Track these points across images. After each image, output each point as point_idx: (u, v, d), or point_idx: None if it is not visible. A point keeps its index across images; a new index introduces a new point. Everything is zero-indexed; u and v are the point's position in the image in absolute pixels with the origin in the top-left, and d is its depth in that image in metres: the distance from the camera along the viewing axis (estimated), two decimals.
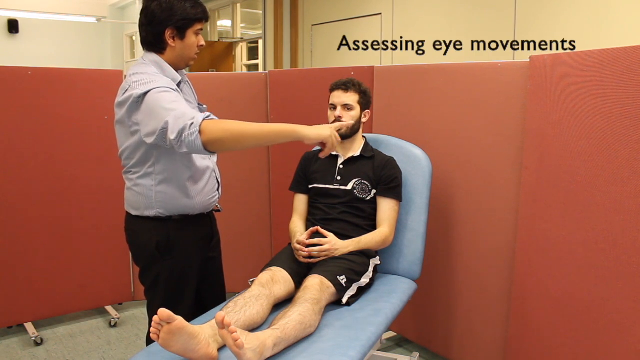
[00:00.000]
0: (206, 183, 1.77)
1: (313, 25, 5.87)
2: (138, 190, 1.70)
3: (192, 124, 1.45)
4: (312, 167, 2.15)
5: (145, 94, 1.55)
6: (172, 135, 1.47)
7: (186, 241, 1.76)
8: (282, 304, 1.72)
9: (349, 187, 2.04)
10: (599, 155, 1.67)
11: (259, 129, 1.52)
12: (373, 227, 2.04)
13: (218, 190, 1.85)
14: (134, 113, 1.59)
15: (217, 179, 1.85)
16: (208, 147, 1.47)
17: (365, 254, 1.95)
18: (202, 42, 1.73)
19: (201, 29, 1.72)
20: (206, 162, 1.78)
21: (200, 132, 1.45)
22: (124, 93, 1.61)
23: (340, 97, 2.05)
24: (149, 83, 1.58)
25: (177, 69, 1.73)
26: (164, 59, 1.69)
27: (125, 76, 1.71)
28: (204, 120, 1.47)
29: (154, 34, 1.67)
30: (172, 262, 1.74)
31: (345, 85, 2.05)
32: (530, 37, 3.78)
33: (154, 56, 1.69)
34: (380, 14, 5.02)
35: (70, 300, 2.82)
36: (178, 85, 1.70)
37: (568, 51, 1.76)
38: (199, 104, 1.85)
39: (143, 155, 1.65)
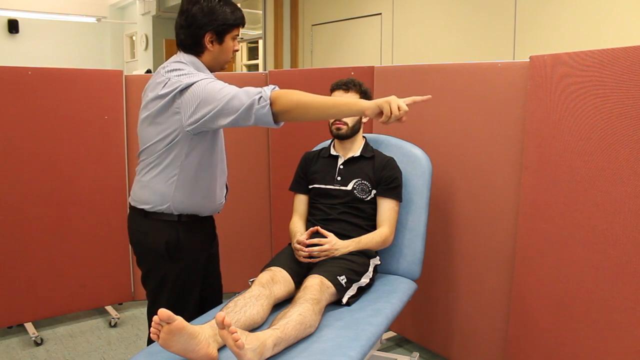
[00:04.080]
0: (220, 187, 1.81)
1: (313, 25, 5.87)
2: (153, 184, 1.69)
3: (260, 97, 1.49)
4: (312, 167, 2.15)
5: (191, 85, 1.57)
6: (232, 116, 1.50)
7: (194, 243, 1.77)
8: (282, 304, 1.72)
9: (349, 187, 2.04)
10: (599, 155, 1.67)
11: (325, 101, 1.57)
12: (373, 227, 2.04)
13: (225, 196, 1.89)
14: (176, 102, 1.59)
15: (226, 185, 1.88)
16: (278, 117, 1.51)
17: (365, 254, 1.95)
18: (237, 47, 1.76)
19: (238, 35, 1.73)
20: (224, 167, 1.81)
21: (271, 103, 1.49)
22: (164, 87, 1.61)
23: (341, 97, 2.05)
24: (192, 76, 1.60)
25: (211, 72, 1.74)
26: (201, 61, 1.71)
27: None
28: (272, 91, 1.51)
29: (192, 37, 1.67)
30: (181, 264, 1.75)
31: (346, 85, 2.05)
32: (531, 37, 3.78)
33: (191, 57, 1.70)
34: (380, 14, 5.02)
35: (70, 300, 2.82)
36: None
37: (568, 51, 1.76)
38: None
39: (175, 149, 1.65)
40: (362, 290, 1.87)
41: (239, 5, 1.74)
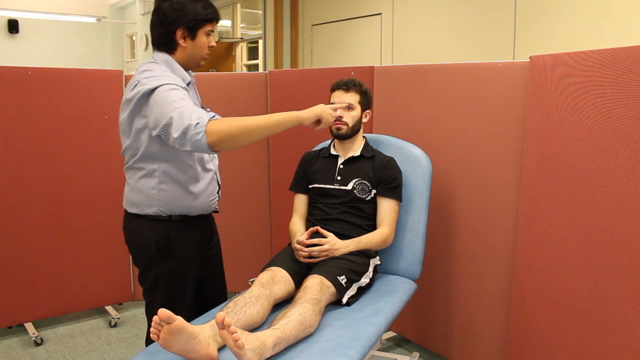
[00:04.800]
0: (207, 185, 1.78)
1: (313, 25, 5.87)
2: (140, 187, 1.70)
3: (197, 123, 1.46)
4: (312, 167, 2.15)
5: (155, 89, 1.56)
6: (175, 133, 1.48)
7: (186, 242, 1.77)
8: (282, 304, 1.72)
9: (349, 187, 2.04)
10: (599, 155, 1.67)
11: (263, 122, 1.56)
12: (373, 227, 2.04)
13: (218, 192, 1.87)
14: (143, 107, 1.59)
15: (217, 182, 1.86)
16: (214, 147, 1.48)
17: (365, 254, 1.95)
18: (213, 43, 1.74)
19: (212, 30, 1.73)
20: (209, 165, 1.79)
21: (206, 132, 1.46)
22: (133, 89, 1.62)
23: (341, 97, 2.05)
24: (159, 79, 1.59)
25: (186, 69, 1.74)
26: (175, 59, 1.70)
27: (132, 74, 1.72)
28: (209, 120, 1.48)
29: (165, 34, 1.68)
30: (172, 263, 1.75)
31: (347, 85, 2.05)
32: (531, 37, 3.78)
33: (164, 55, 1.70)
34: (380, 14, 5.02)
35: (70, 300, 2.82)
36: (187, 85, 1.71)
37: (568, 51, 1.76)
38: (202, 107, 1.86)
39: (150, 152, 1.65)
40: (362, 290, 1.87)
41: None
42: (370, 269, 1.94)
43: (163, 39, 1.69)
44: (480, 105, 2.13)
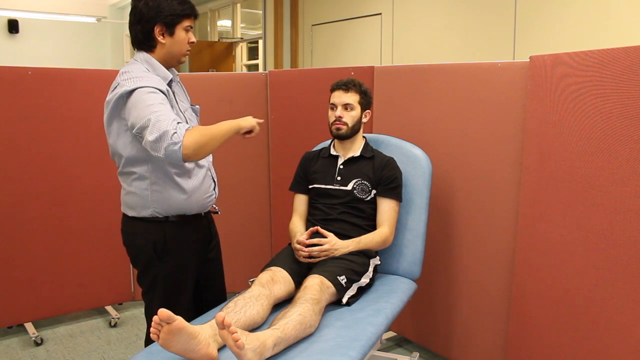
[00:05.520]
0: (202, 181, 1.77)
1: (313, 25, 5.87)
2: (134, 190, 1.70)
3: (175, 133, 1.47)
4: (312, 167, 2.15)
5: (133, 91, 1.57)
6: (150, 137, 1.49)
7: (183, 242, 1.76)
8: (282, 304, 1.72)
9: (349, 187, 2.04)
10: (599, 155, 1.67)
11: (222, 129, 1.62)
12: (373, 227, 2.04)
13: (214, 189, 1.85)
14: (122, 109, 1.61)
15: (212, 178, 1.85)
16: (187, 159, 1.50)
17: (365, 254, 1.95)
18: (193, 39, 1.75)
19: (191, 26, 1.73)
20: (202, 160, 1.79)
21: (182, 143, 1.47)
22: (113, 90, 1.63)
23: (340, 97, 2.05)
24: (137, 80, 1.59)
25: (168, 67, 1.74)
26: (155, 57, 1.70)
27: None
28: (186, 130, 1.49)
29: (143, 32, 1.68)
30: (170, 264, 1.74)
31: (346, 85, 2.05)
32: (531, 37, 3.78)
33: (144, 55, 1.70)
34: (380, 14, 5.02)
35: (70, 300, 2.82)
36: (169, 83, 1.70)
37: (568, 51, 1.76)
38: (191, 105, 1.86)
39: (135, 155, 1.65)
40: (362, 290, 1.87)
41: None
42: (370, 269, 1.94)
43: (142, 37, 1.69)
44: (480, 105, 2.13)
